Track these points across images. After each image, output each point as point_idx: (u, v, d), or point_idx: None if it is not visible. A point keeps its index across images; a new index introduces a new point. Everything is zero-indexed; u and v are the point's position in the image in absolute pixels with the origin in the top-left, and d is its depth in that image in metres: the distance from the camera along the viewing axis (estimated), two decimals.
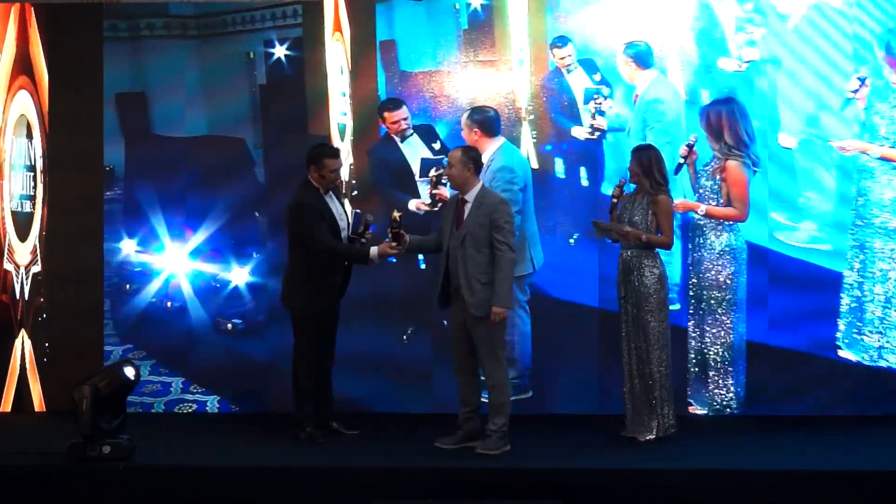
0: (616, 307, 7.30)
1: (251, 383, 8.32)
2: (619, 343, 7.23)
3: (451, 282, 6.91)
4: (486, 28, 8.29)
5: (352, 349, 7.80)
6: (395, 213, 6.97)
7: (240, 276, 8.39)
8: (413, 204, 8.10)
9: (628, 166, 7.22)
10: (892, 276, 8.03)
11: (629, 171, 7.19)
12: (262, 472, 6.49)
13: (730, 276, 7.90)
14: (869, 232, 8.06)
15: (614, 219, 7.20)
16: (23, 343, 8.53)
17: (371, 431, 7.51)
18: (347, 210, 7.53)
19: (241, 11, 8.48)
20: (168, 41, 8.48)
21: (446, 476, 6.41)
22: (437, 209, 7.92)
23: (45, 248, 8.50)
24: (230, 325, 8.39)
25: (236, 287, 8.39)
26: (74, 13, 8.51)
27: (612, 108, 8.17)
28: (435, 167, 7.94)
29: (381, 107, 8.24)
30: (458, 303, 6.90)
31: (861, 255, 8.08)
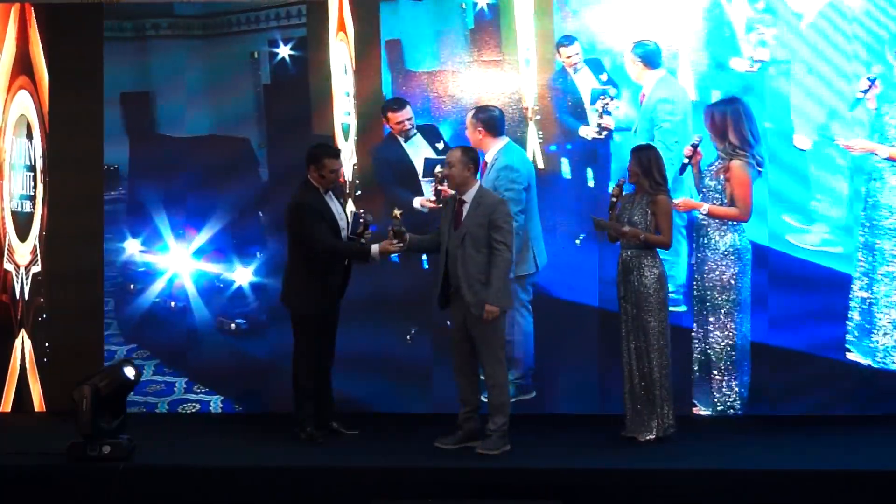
0: (616, 307, 7.28)
1: (253, 383, 8.31)
2: (619, 343, 7.20)
3: (451, 282, 6.90)
4: (493, 27, 8.27)
5: (352, 349, 7.79)
6: (396, 212, 7.00)
7: (243, 276, 8.39)
8: (418, 201, 8.09)
9: (628, 166, 7.20)
10: None
11: (628, 171, 7.18)
12: (262, 472, 6.49)
13: (734, 277, 7.84)
14: (878, 234, 8.01)
15: (613, 218, 7.18)
16: (23, 343, 8.54)
17: (371, 431, 7.50)
18: (347, 210, 7.51)
19: (245, 11, 8.48)
20: (172, 41, 8.49)
21: (446, 476, 6.40)
22: (442, 206, 7.91)
23: (45, 248, 8.51)
24: (234, 325, 8.39)
25: (240, 287, 8.39)
26: (74, 13, 8.53)
27: (619, 109, 8.15)
28: (440, 165, 7.93)
29: (386, 107, 8.23)
30: (458, 303, 6.89)
31: (870, 257, 8.02)
